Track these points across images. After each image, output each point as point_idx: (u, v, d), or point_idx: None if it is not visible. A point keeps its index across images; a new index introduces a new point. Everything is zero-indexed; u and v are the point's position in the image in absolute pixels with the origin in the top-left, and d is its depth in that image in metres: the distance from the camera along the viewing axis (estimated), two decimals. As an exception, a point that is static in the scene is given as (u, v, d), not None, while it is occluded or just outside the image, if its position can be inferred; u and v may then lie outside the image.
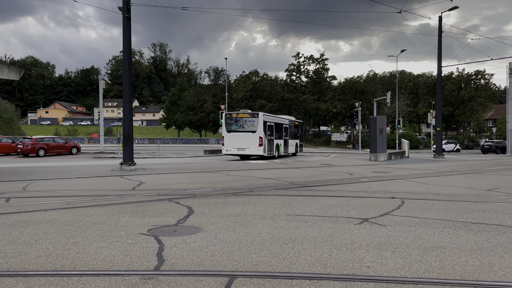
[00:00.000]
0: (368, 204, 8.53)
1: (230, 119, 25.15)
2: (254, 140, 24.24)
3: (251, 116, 24.82)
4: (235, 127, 24.92)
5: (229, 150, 24.85)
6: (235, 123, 25.03)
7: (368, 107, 54.19)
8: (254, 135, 24.32)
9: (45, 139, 29.66)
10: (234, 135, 24.70)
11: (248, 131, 24.52)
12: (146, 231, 5.91)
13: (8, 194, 9.89)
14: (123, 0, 17.49)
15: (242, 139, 24.43)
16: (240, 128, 24.78)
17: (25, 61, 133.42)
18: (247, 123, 24.78)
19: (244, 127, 24.74)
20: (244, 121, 24.92)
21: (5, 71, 16.00)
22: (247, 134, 24.48)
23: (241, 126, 24.85)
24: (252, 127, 24.51)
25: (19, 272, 4.16)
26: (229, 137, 24.73)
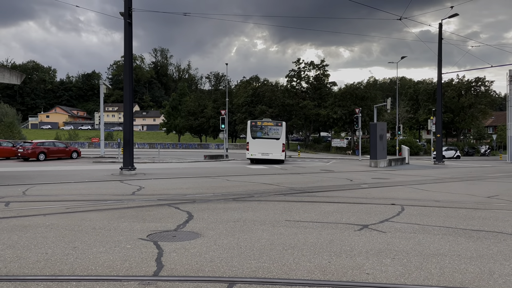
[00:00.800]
0: (368, 210, 8.51)
1: (256, 126, 27.33)
2: (278, 146, 26.91)
3: (275, 124, 27.48)
4: (260, 134, 27.17)
5: (254, 154, 26.95)
6: (260, 131, 27.27)
7: (368, 113, 54.26)
8: (278, 142, 27.07)
9: (45, 144, 29.69)
10: (259, 141, 26.88)
11: (272, 138, 27.08)
12: (145, 236, 5.90)
13: (8, 198, 9.88)
14: (125, 6, 17.57)
15: (266, 145, 26.74)
16: (265, 135, 27.07)
17: (26, 65, 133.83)
18: (272, 131, 27.28)
19: (269, 134, 27.16)
20: (268, 129, 27.34)
21: (7, 75, 16.04)
22: (271, 140, 26.97)
23: (265, 133, 27.19)
24: (276, 135, 27.17)
25: (18, 277, 4.15)
26: (254, 143, 26.88)
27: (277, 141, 27.24)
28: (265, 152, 26.85)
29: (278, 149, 27.02)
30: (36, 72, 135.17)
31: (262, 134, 27.31)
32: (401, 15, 30.79)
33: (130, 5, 17.57)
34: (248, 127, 27.52)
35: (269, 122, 28.03)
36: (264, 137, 27.10)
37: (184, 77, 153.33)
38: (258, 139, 27.02)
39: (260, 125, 27.66)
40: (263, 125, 27.63)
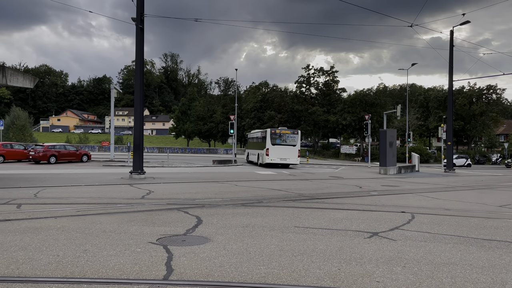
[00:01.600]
0: (377, 218, 8.45)
1: (275, 134, 30.04)
2: (294, 152, 30.00)
3: (292, 133, 30.59)
4: (279, 141, 29.84)
5: (273, 159, 29.56)
6: (278, 138, 29.95)
7: (378, 120, 53.98)
8: (294, 148, 30.08)
9: (56, 147, 30.00)
10: (278, 147, 29.60)
11: (289, 144, 29.95)
12: (155, 240, 5.93)
13: (20, 201, 10.00)
14: (137, 11, 17.79)
15: (284, 151, 29.66)
16: (283, 142, 29.87)
17: (39, 69, 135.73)
18: (289, 138, 30.13)
19: (286, 141, 29.98)
20: (286, 137, 30.15)
21: (20, 79, 16.30)
22: (288, 147, 29.87)
23: (284, 140, 29.98)
24: (292, 142, 30.10)
25: (30, 278, 4.20)
26: (273, 149, 29.50)
27: (294, 147, 30.09)
28: (283, 157, 29.67)
29: (294, 154, 30.04)
30: (48, 76, 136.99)
31: (281, 141, 29.92)
32: (412, 22, 30.72)
33: (142, 11, 17.78)
34: (268, 135, 29.83)
35: (286, 131, 30.76)
36: (283, 144, 29.82)
37: (194, 82, 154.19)
38: (277, 146, 29.65)
39: (279, 133, 30.22)
40: (281, 133, 30.24)
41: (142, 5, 17.81)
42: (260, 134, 32.81)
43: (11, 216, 7.80)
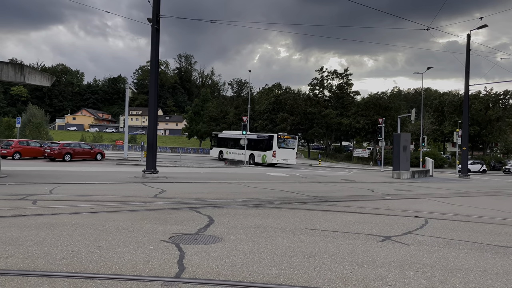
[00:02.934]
0: (390, 222, 8.38)
1: (280, 139, 34.26)
2: (293, 154, 35.09)
3: (292, 138, 35.73)
4: (283, 144, 34.05)
5: (279, 160, 33.64)
6: (283, 142, 34.15)
7: (391, 123, 53.50)
8: (293, 151, 35.11)
9: (71, 145, 30.44)
10: (282, 150, 33.85)
11: (290, 148, 34.73)
12: (167, 239, 5.98)
13: (35, 197, 10.18)
14: (153, 12, 17.97)
15: (287, 153, 34.19)
16: (286, 146, 34.30)
17: (55, 68, 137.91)
18: (290, 143, 34.80)
19: (288, 145, 34.52)
20: (288, 141, 34.67)
21: (38, 78, 16.61)
22: (289, 150, 34.57)
23: (286, 144, 34.40)
24: (292, 145, 35.03)
25: (45, 273, 4.27)
26: (279, 152, 33.57)
27: (293, 150, 35.02)
28: (285, 158, 34.00)
29: (293, 156, 34.97)
30: (64, 75, 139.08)
31: (284, 145, 34.07)
32: (429, 25, 30.35)
33: (158, 12, 17.96)
34: (275, 139, 33.64)
35: (288, 136, 35.80)
36: (286, 147, 34.16)
37: (207, 83, 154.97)
38: (281, 149, 33.76)
39: (283, 138, 34.60)
40: (285, 138, 34.68)
41: (158, 6, 17.99)
42: (257, 137, 37.21)
43: (27, 211, 7.95)
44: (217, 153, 40.27)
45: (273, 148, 33.34)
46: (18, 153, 28.94)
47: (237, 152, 37.14)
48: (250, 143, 35.88)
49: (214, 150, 41.24)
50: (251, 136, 37.23)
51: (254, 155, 35.60)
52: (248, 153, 35.54)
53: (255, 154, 35.49)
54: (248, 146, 35.67)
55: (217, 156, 39.98)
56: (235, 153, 37.36)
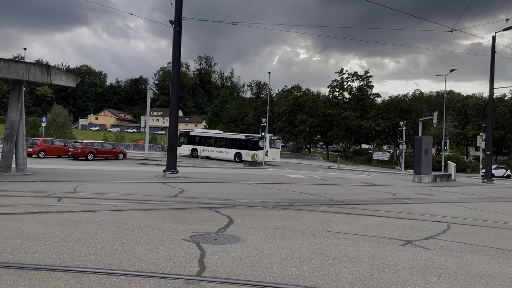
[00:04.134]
0: (411, 226, 8.27)
1: (271, 140, 38.68)
2: (278, 153, 40.34)
3: (278, 138, 40.59)
4: (273, 145, 38.67)
5: (269, 158, 37.75)
6: (273, 143, 38.72)
7: (413, 126, 52.65)
8: (278, 150, 40.48)
9: (94, 144, 31.09)
10: (272, 150, 38.26)
11: (277, 147, 39.79)
12: (188, 237, 6.06)
13: (60, 194, 10.46)
14: (175, 14, 18.22)
15: (275, 152, 39.17)
16: (274, 146, 39.20)
17: (79, 69, 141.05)
18: (277, 143, 39.59)
19: (276, 145, 39.45)
20: (276, 142, 39.69)
21: (63, 78, 17.05)
22: (276, 149, 39.67)
23: (275, 144, 39.26)
24: (278, 145, 40.15)
25: (71, 268, 4.40)
26: (271, 151, 37.93)
27: (278, 149, 40.40)
28: (274, 157, 38.70)
29: (278, 154, 40.18)
30: (88, 76, 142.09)
31: (274, 145, 38.86)
32: (452, 27, 29.84)
33: (181, 14, 18.19)
34: (268, 140, 37.41)
35: (276, 137, 40.68)
36: (274, 147, 39.03)
37: (227, 84, 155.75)
38: (272, 149, 38.35)
39: (273, 139, 39.11)
40: (273, 139, 39.24)
41: (181, 8, 18.22)
42: (245, 137, 40.62)
43: (52, 208, 8.18)
44: (188, 150, 41.80)
45: (266, 147, 37.15)
46: (43, 152, 29.75)
47: (216, 150, 40.37)
48: (236, 142, 40.00)
49: (184, 147, 42.49)
50: (238, 136, 41.67)
51: (241, 154, 38.83)
52: (233, 152, 39.26)
53: (243, 153, 38.82)
54: (234, 145, 39.57)
55: (189, 153, 41.66)
56: (214, 151, 40.48)
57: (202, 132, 46.03)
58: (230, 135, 43.16)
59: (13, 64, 15.28)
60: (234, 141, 40.25)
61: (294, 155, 59.87)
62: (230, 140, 40.64)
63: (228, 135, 43.21)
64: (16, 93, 16.05)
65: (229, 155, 39.57)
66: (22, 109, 16.38)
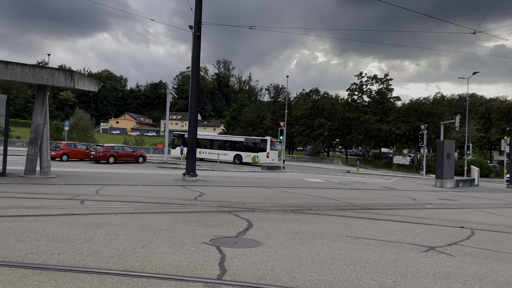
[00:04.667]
0: (434, 232, 8.11)
1: (271, 142, 40.09)
2: (276, 154, 41.79)
3: (277, 141, 38.69)
4: (273, 147, 39.89)
5: (269, 159, 39.68)
6: (272, 145, 39.84)
7: (434, 130, 51.72)
8: (277, 152, 41.23)
9: (115, 147, 31.64)
10: (272, 151, 40.26)
11: (276, 149, 40.23)
12: (208, 241, 6.09)
13: (83, 197, 10.67)
14: (195, 19, 18.43)
15: (274, 154, 40.88)
16: (274, 148, 40.07)
17: (101, 74, 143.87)
18: (277, 145, 38.89)
19: (275, 147, 39.58)
20: (275, 144, 39.28)
21: (86, 83, 17.43)
22: (275, 151, 40.85)
23: (274, 147, 39.69)
24: (277, 147, 39.14)
25: (94, 270, 4.48)
26: (271, 153, 40.05)
27: (276, 151, 41.05)
28: (273, 158, 40.40)
29: (276, 156, 41.77)
30: (109, 80, 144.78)
31: (273, 148, 39.91)
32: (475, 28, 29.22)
33: (200, 19, 18.39)
34: (268, 143, 39.48)
35: (275, 139, 40.89)
36: (274, 149, 40.24)
37: (245, 88, 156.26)
38: (272, 150, 40.02)
39: (273, 142, 40.17)
40: (273, 142, 40.11)
41: (200, 13, 18.42)
42: (245, 139, 42.15)
43: (75, 210, 8.35)
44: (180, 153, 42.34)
45: (267, 150, 39.27)
46: (66, 155, 30.42)
47: (214, 152, 41.08)
48: (235, 144, 41.33)
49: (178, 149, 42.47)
50: (238, 138, 43.10)
51: (241, 155, 40.25)
52: (232, 154, 40.54)
53: (243, 155, 40.24)
54: (233, 148, 41.02)
55: None
56: (212, 153, 41.17)
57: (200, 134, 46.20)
58: (229, 138, 44.10)
59: (38, 69, 15.71)
60: (233, 143, 41.55)
61: (312, 159, 59.54)
62: (228, 142, 41.87)
63: (227, 138, 44.23)
64: (40, 98, 16.48)
65: (228, 157, 40.51)
66: (47, 114, 16.80)
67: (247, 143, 41.44)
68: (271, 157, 40.07)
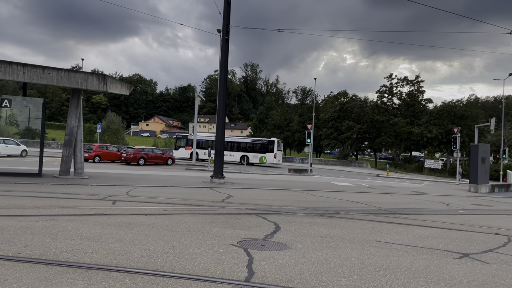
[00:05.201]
0: (468, 238, 7.84)
1: (278, 143, 42.45)
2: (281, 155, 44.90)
3: (281, 142, 44.19)
4: (279, 148, 42.75)
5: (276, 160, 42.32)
6: (279, 146, 42.55)
7: (468, 133, 50.06)
8: (281, 152, 44.84)
9: (145, 150, 32.33)
10: (279, 152, 42.71)
11: (280, 150, 43.76)
12: (236, 243, 6.12)
13: (114, 197, 10.95)
14: (223, 23, 18.62)
15: (279, 155, 43.42)
16: (280, 149, 43.13)
17: (132, 78, 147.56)
18: (281, 146, 43.67)
19: (281, 148, 43.62)
20: (280, 145, 43.36)
21: (118, 87, 17.91)
22: (280, 152, 43.83)
23: (280, 148, 43.52)
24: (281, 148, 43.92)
25: (126, 269, 4.58)
26: (278, 153, 42.23)
27: (281, 152, 44.69)
28: (279, 159, 42.87)
29: (281, 157, 44.87)
30: (139, 84, 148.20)
31: (279, 148, 43.05)
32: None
33: (228, 23, 18.57)
34: (276, 144, 41.57)
35: (280, 140, 44.62)
36: (279, 150, 43.06)
37: (272, 91, 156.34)
38: (278, 151, 42.41)
39: (279, 143, 42.97)
40: (280, 143, 43.12)
41: (229, 17, 18.60)
42: (251, 140, 43.97)
43: (107, 211, 8.58)
44: (187, 154, 42.43)
45: (274, 151, 41.10)
46: (98, 157, 31.34)
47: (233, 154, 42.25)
48: (241, 146, 42.63)
49: (181, 151, 43.20)
50: (245, 140, 44.60)
51: (248, 156, 41.70)
52: (239, 155, 41.91)
53: (250, 156, 41.72)
54: (240, 149, 42.46)
55: (189, 156, 42.01)
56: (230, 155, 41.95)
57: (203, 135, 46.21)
58: (235, 139, 45.43)
59: (73, 74, 16.28)
60: (240, 145, 42.96)
61: (341, 162, 58.82)
62: (235, 144, 43.08)
63: (233, 139, 45.23)
64: (75, 101, 17.06)
65: (234, 158, 41.54)
66: (81, 116, 17.36)
67: (254, 144, 42.80)
68: (278, 158, 42.28)
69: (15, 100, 17.21)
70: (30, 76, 15.08)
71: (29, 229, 6.32)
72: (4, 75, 14.67)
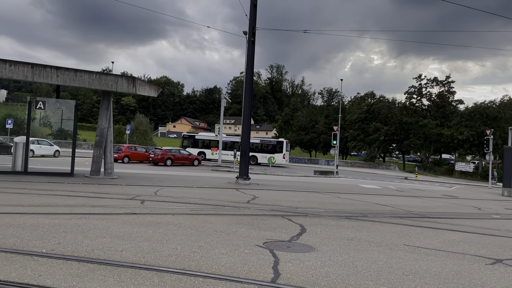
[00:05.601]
0: (501, 243, 7.57)
1: (286, 144, 43.47)
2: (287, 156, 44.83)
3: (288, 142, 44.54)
4: (288, 148, 44.14)
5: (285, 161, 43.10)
6: (287, 146, 43.59)
7: (501, 135, 48.28)
8: (288, 153, 45.05)
9: (172, 151, 32.84)
10: (286, 153, 43.43)
11: (288, 150, 44.49)
12: (261, 244, 6.14)
13: (143, 197, 11.19)
14: (249, 25, 18.71)
15: (287, 155, 44.21)
16: (288, 149, 44.07)
17: (159, 80, 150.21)
18: (289, 147, 45.07)
19: (288, 149, 44.37)
20: (288, 146, 44.30)
21: (147, 89, 18.30)
22: (288, 152, 44.56)
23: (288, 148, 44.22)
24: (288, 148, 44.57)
25: (154, 267, 4.68)
26: (286, 154, 42.93)
27: (288, 152, 44.91)
28: (287, 159, 43.98)
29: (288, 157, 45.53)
30: (167, 86, 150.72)
31: (288, 149, 44.31)
32: (549, 25, 26.90)
33: (254, 24, 18.65)
34: (285, 144, 42.68)
35: (287, 141, 45.84)
36: (287, 150, 44.07)
37: (297, 92, 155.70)
38: (286, 152, 43.21)
39: (287, 143, 43.96)
40: (287, 143, 44.00)
41: (255, 19, 18.69)
42: (260, 141, 44.71)
43: (136, 210, 8.78)
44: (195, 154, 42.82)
45: (283, 151, 42.14)
46: (127, 157, 32.07)
47: (228, 153, 41.67)
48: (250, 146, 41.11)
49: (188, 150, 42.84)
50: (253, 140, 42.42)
51: (256, 157, 42.09)
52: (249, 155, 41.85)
53: (259, 156, 42.18)
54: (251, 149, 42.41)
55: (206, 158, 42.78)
56: (225, 154, 41.64)
57: (209, 136, 46.54)
58: None
59: (103, 76, 16.74)
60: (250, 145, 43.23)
61: (368, 165, 57.90)
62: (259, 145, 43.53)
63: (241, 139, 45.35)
64: (105, 103, 17.54)
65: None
66: (111, 118, 17.83)
67: (263, 145, 43.51)
68: (286, 158, 43.46)
69: (49, 102, 17.85)
70: (63, 78, 15.61)
71: (61, 227, 6.54)
72: (39, 77, 15.25)
